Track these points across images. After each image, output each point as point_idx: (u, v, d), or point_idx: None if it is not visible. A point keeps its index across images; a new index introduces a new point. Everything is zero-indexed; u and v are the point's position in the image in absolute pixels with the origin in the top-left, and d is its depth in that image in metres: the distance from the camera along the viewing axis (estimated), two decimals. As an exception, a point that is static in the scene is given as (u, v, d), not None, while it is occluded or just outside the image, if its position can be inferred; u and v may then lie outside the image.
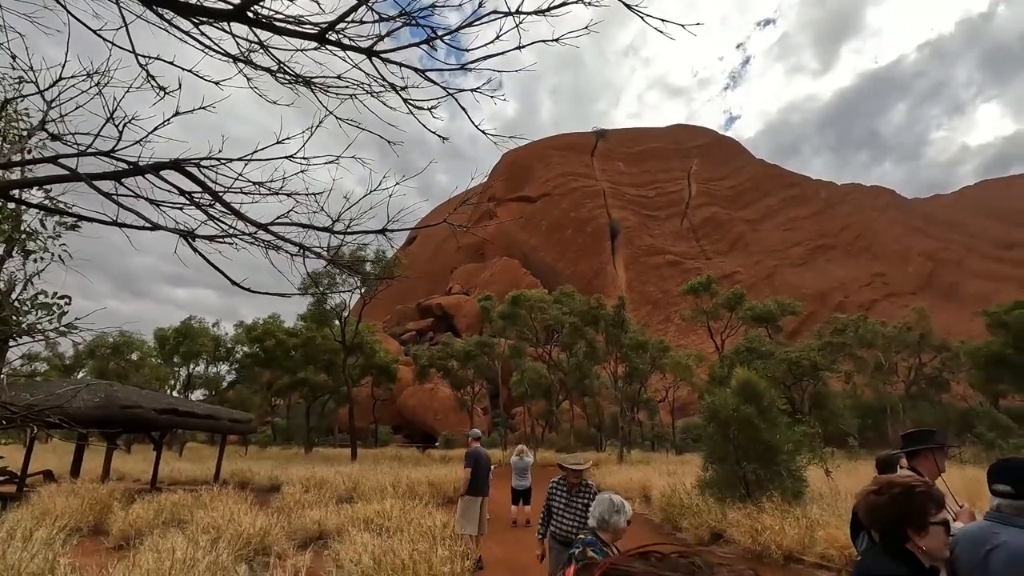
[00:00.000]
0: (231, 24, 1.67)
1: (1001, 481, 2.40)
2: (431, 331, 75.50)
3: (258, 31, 1.71)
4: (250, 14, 1.62)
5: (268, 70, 2.13)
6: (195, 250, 2.02)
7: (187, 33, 2.02)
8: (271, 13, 1.64)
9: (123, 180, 2.15)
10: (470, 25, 1.57)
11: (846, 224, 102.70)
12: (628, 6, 1.47)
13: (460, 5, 1.68)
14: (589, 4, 1.56)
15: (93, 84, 1.99)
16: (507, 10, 1.54)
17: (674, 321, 73.62)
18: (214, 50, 2.05)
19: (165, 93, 1.93)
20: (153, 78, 1.94)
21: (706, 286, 41.09)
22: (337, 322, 30.47)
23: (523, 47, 1.64)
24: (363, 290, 30.10)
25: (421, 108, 1.89)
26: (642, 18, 1.51)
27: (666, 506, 11.84)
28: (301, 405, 43.23)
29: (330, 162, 2.65)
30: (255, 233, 2.32)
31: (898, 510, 1.94)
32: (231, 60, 2.14)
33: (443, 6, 1.67)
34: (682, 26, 1.48)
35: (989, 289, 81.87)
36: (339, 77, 2.19)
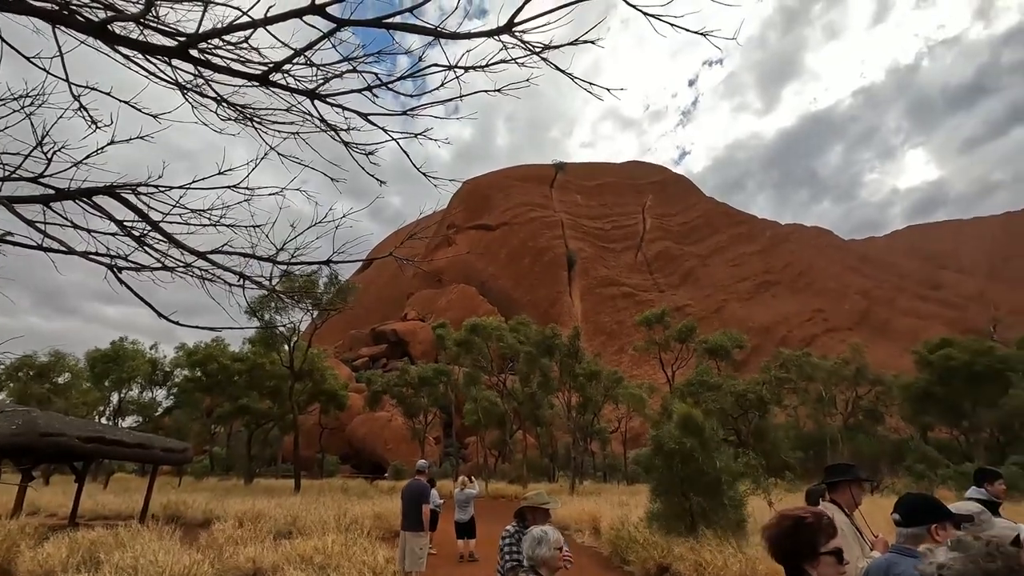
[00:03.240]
0: (174, 60, 1.68)
1: (894, 511, 2.71)
2: (385, 357, 74.04)
3: (202, 69, 1.73)
4: (193, 52, 1.64)
5: (215, 99, 2.13)
6: (121, 281, 1.96)
7: (130, 59, 2.01)
8: (214, 52, 1.66)
9: (51, 205, 2.08)
10: (411, 76, 1.64)
11: (789, 261, 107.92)
12: (560, 69, 1.59)
13: (408, 53, 1.76)
14: (523, 66, 1.66)
15: (20, 108, 1.94)
16: (448, 64, 1.63)
17: (627, 352, 74.81)
18: (159, 78, 2.05)
19: (97, 127, 1.90)
20: (85, 109, 1.91)
21: (659, 318, 42.18)
22: (286, 347, 29.53)
23: (463, 96, 1.72)
24: (314, 314, 29.37)
25: (361, 151, 1.93)
26: (571, 78, 1.63)
27: (615, 539, 11.83)
28: (243, 433, 41.28)
29: (274, 194, 2.65)
30: (192, 263, 2.27)
31: (791, 542, 2.00)
32: (176, 87, 2.14)
33: (389, 53, 1.74)
34: (608, 90, 1.61)
35: (918, 326, 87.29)
36: (288, 110, 2.22)
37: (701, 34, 1.55)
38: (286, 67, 1.68)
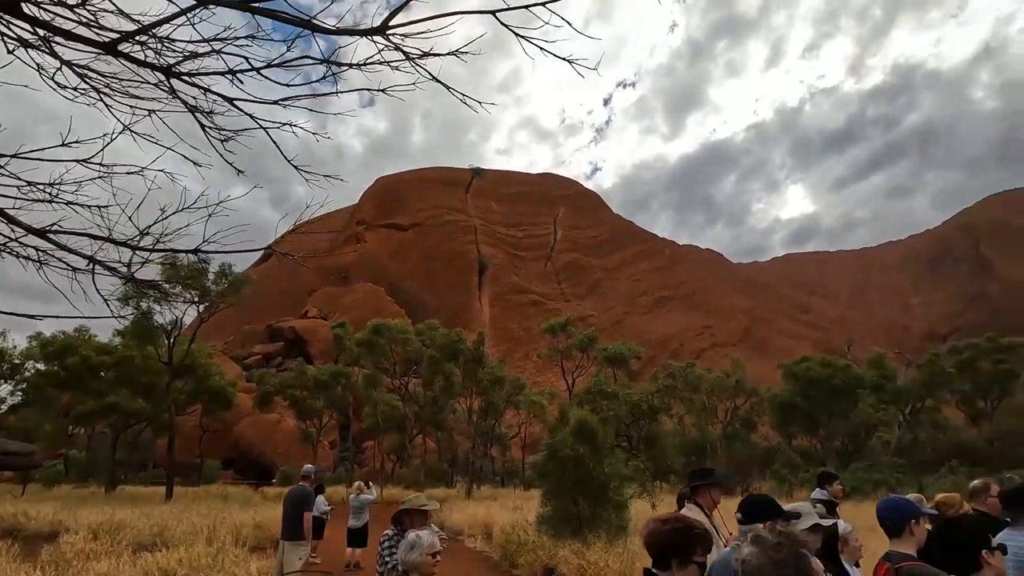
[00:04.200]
0: (5, 16, 1.49)
1: (737, 511, 3.00)
2: (280, 356, 69.98)
3: (39, 29, 1.54)
4: (26, 9, 1.46)
5: (60, 64, 1.91)
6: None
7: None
8: (50, 9, 1.50)
9: None
10: (280, 66, 1.58)
11: (685, 280, 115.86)
12: (434, 78, 1.61)
13: (287, 42, 1.69)
14: (396, 69, 1.66)
15: None
16: (321, 57, 1.58)
17: (532, 359, 76.39)
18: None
19: None
20: None
21: (564, 326, 43.47)
22: (166, 340, 26.94)
23: (340, 93, 1.69)
24: (200, 307, 27.11)
25: (222, 138, 1.82)
26: (447, 88, 1.65)
27: (505, 543, 11.99)
28: (108, 435, 37.01)
29: (134, 172, 2.42)
30: (21, 238, 2.00)
31: (674, 541, 2.11)
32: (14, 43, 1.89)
33: (262, 39, 1.65)
34: (480, 103, 1.66)
35: (790, 345, 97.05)
36: (157, 85, 2.04)
37: (567, 60, 1.64)
38: (140, 38, 1.55)
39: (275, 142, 1.77)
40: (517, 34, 1.51)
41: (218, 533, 11.91)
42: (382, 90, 1.94)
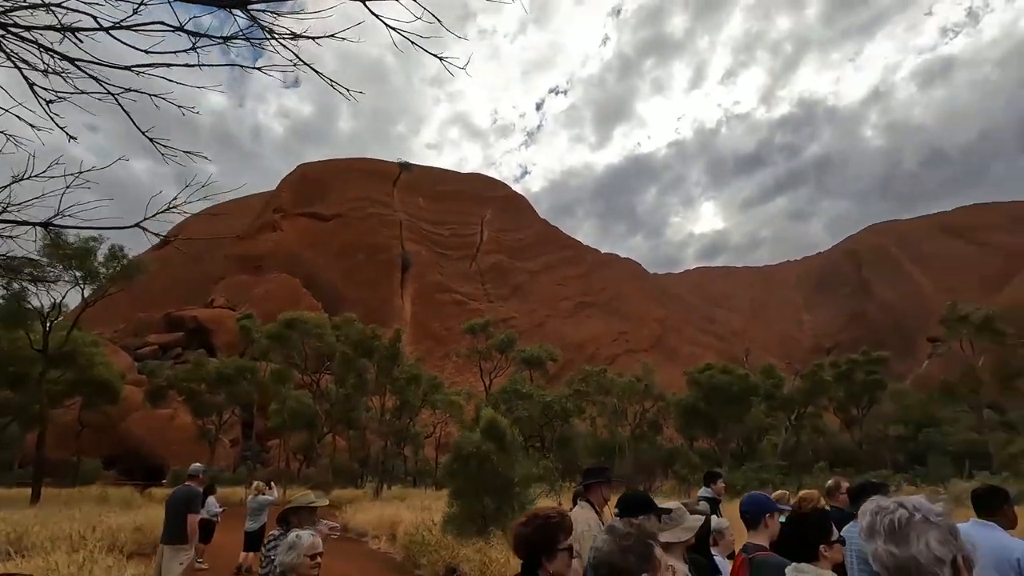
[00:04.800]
0: None
1: (616, 506, 3.15)
2: (180, 347, 64.94)
3: None
4: None
5: None
6: None
7: None
8: None
9: None
10: (129, 28, 1.45)
11: (604, 287, 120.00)
12: (300, 59, 1.56)
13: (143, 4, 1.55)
14: (260, 47, 1.59)
15: None
16: (177, 25, 1.47)
17: (452, 358, 76.02)
18: None
19: None
20: None
21: (484, 327, 43.62)
22: (41, 325, 24.14)
23: (202, 66, 1.58)
24: (84, 290, 24.57)
25: (48, 98, 1.65)
26: (316, 73, 1.60)
27: (408, 543, 11.83)
28: (-36, 430, 32.65)
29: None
30: None
31: (536, 539, 2.14)
32: None
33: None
34: (350, 91, 1.62)
35: (697, 352, 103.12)
36: None
37: (437, 57, 1.65)
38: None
39: (127, 111, 1.62)
40: (388, 25, 1.49)
41: (89, 539, 10.83)
42: (259, 68, 1.84)
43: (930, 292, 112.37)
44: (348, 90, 1.66)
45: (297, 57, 1.56)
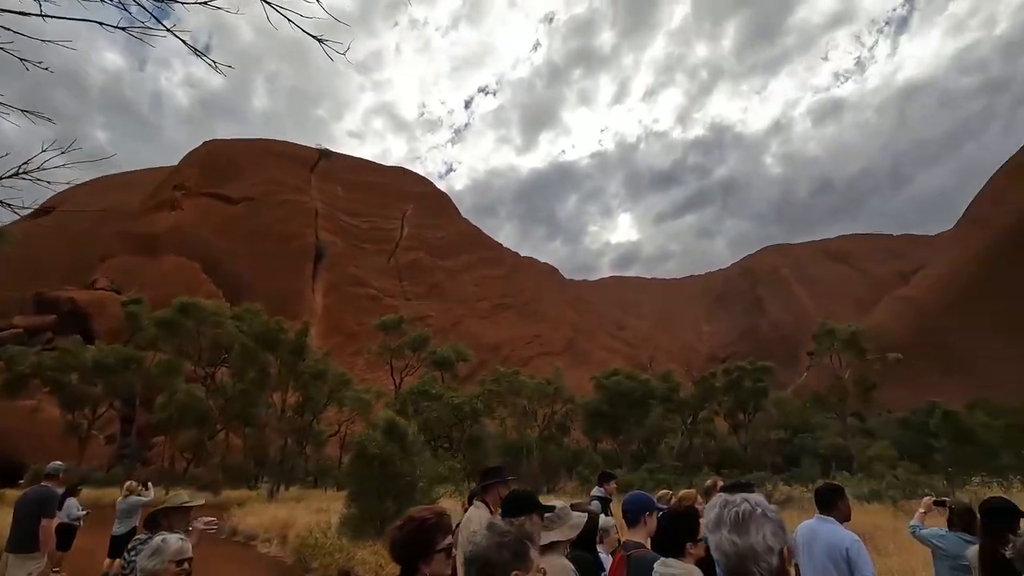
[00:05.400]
0: None
1: (500, 506, 3.19)
2: (51, 331, 58.03)
3: None
4: None
5: None
6: None
7: None
8: None
9: None
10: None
11: (522, 289, 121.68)
12: (152, 15, 1.44)
13: None
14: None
15: None
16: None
17: (364, 355, 73.80)
18: None
19: None
20: None
21: (397, 324, 42.74)
22: None
23: (45, 17, 1.39)
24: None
25: None
26: (168, 30, 1.48)
27: (300, 546, 11.31)
28: None
29: None
30: None
31: (411, 542, 2.08)
32: None
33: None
34: (214, 63, 1.51)
35: (606, 357, 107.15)
36: None
37: (316, 38, 1.58)
38: None
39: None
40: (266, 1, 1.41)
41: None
42: (117, 26, 1.67)
43: (812, 311, 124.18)
44: (215, 63, 1.55)
45: (160, 23, 1.42)
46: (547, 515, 3.39)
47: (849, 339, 36.72)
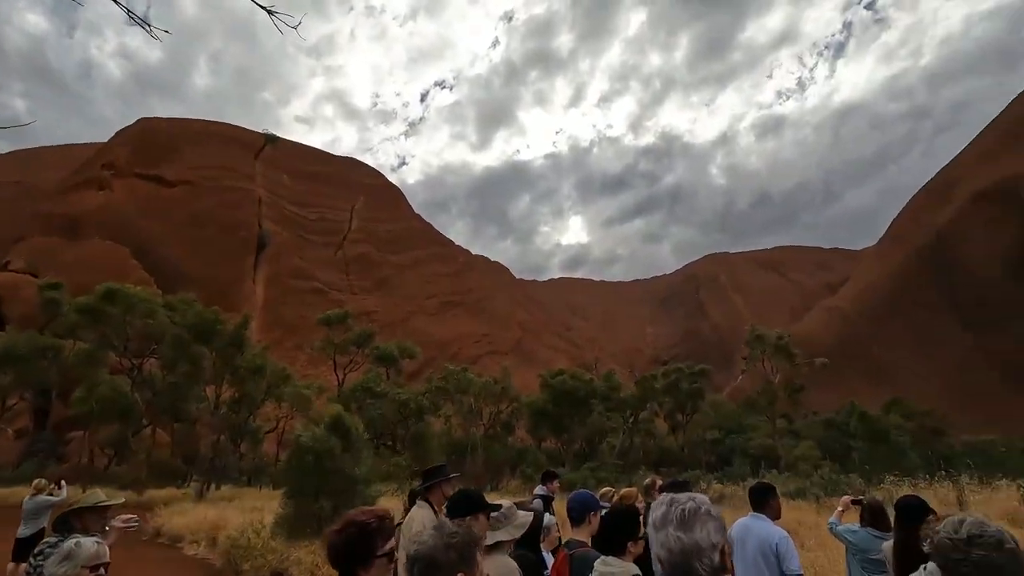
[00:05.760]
0: None
1: (446, 506, 3.17)
2: (-45, 316, 53.06)
3: None
4: None
5: None
6: None
7: None
8: None
9: None
10: None
11: (473, 288, 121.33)
12: None
13: None
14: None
15: None
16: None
17: (306, 350, 71.58)
18: None
19: None
20: None
21: (342, 319, 41.69)
22: None
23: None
24: None
25: None
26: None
27: (231, 548, 10.81)
28: None
29: None
30: None
31: (349, 547, 1.95)
32: None
33: None
34: (149, 26, 1.40)
35: (552, 357, 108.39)
36: None
37: (264, 8, 1.50)
38: None
39: None
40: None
41: None
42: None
43: (748, 317, 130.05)
44: (149, 25, 1.43)
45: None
46: (493, 515, 3.38)
47: (777, 345, 38.76)
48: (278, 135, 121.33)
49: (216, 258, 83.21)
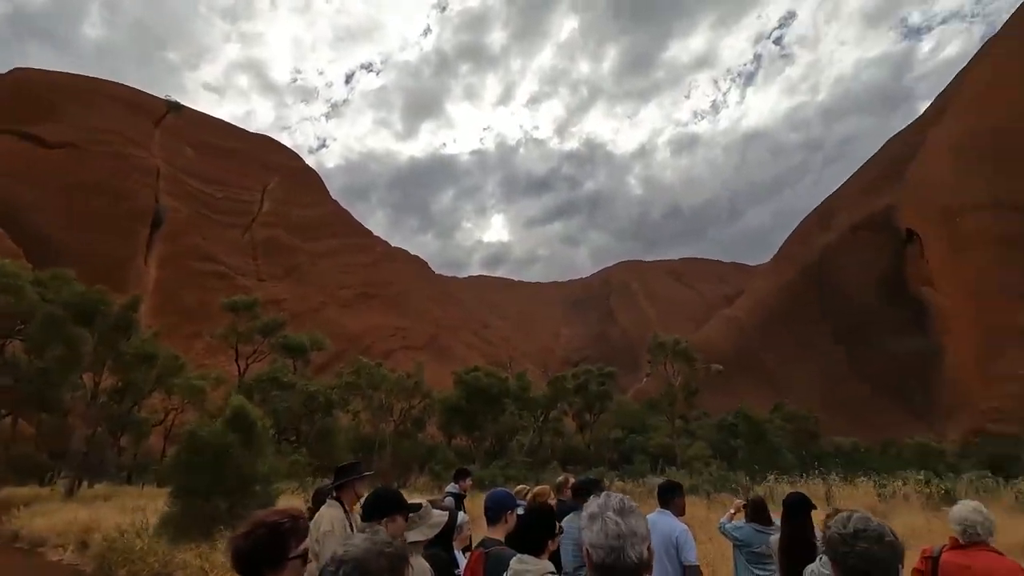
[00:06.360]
0: None
1: (363, 506, 3.06)
2: None
3: None
4: None
5: None
6: None
7: None
8: None
9: None
10: None
11: (390, 280, 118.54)
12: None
13: None
14: None
15: None
16: None
17: (205, 338, 66.54)
18: None
19: None
20: None
21: (249, 306, 39.20)
22: None
23: None
24: None
25: None
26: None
27: (106, 551, 9.81)
28: None
29: None
30: None
31: (262, 549, 1.84)
32: None
33: None
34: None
35: (467, 355, 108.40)
36: None
37: None
38: None
39: None
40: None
41: None
42: None
43: (655, 323, 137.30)
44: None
45: None
46: (411, 515, 3.30)
47: (676, 351, 41.35)
48: (183, 103, 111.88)
49: (102, 232, 75.21)
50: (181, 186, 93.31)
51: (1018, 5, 79.93)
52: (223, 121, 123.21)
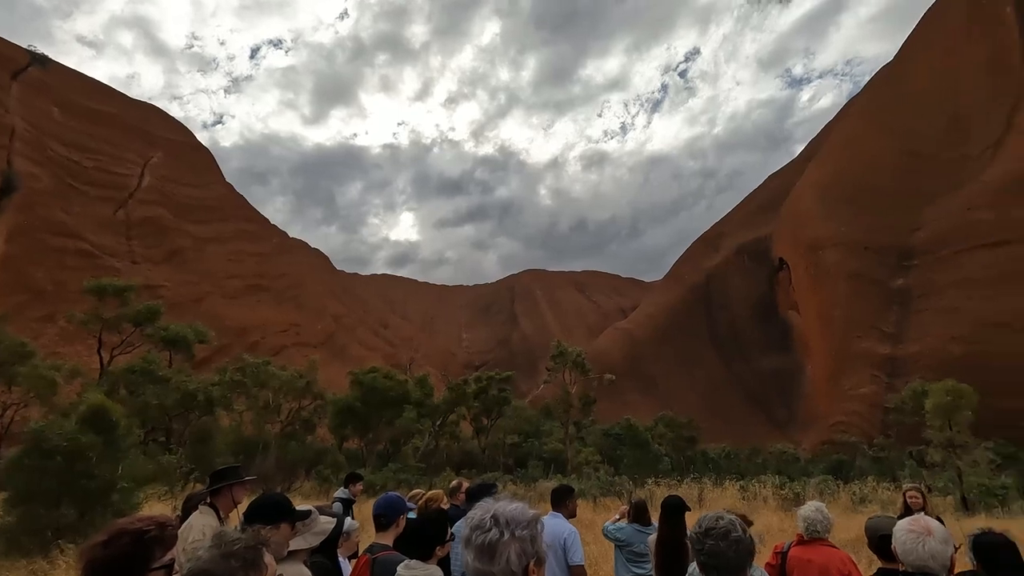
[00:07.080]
0: None
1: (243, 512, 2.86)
2: None
3: None
4: None
5: None
6: None
7: None
8: None
9: None
10: None
11: (285, 273, 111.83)
12: None
13: None
14: None
15: None
16: None
17: (59, 323, 58.67)
18: None
19: None
20: None
21: (120, 291, 35.19)
22: None
23: None
24: None
25: None
26: None
27: (-91, 571, 8.30)
28: None
29: None
30: None
31: (123, 560, 1.72)
32: None
33: None
34: None
35: (366, 355, 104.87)
36: None
37: None
38: None
39: None
40: None
41: None
42: None
43: (555, 331, 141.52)
44: None
45: None
46: (299, 522, 3.16)
47: (574, 359, 43.10)
48: (50, 56, 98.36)
49: (-68, 193, 63.95)
50: (43, 151, 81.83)
51: (875, 71, 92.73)
52: (100, 82, 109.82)
